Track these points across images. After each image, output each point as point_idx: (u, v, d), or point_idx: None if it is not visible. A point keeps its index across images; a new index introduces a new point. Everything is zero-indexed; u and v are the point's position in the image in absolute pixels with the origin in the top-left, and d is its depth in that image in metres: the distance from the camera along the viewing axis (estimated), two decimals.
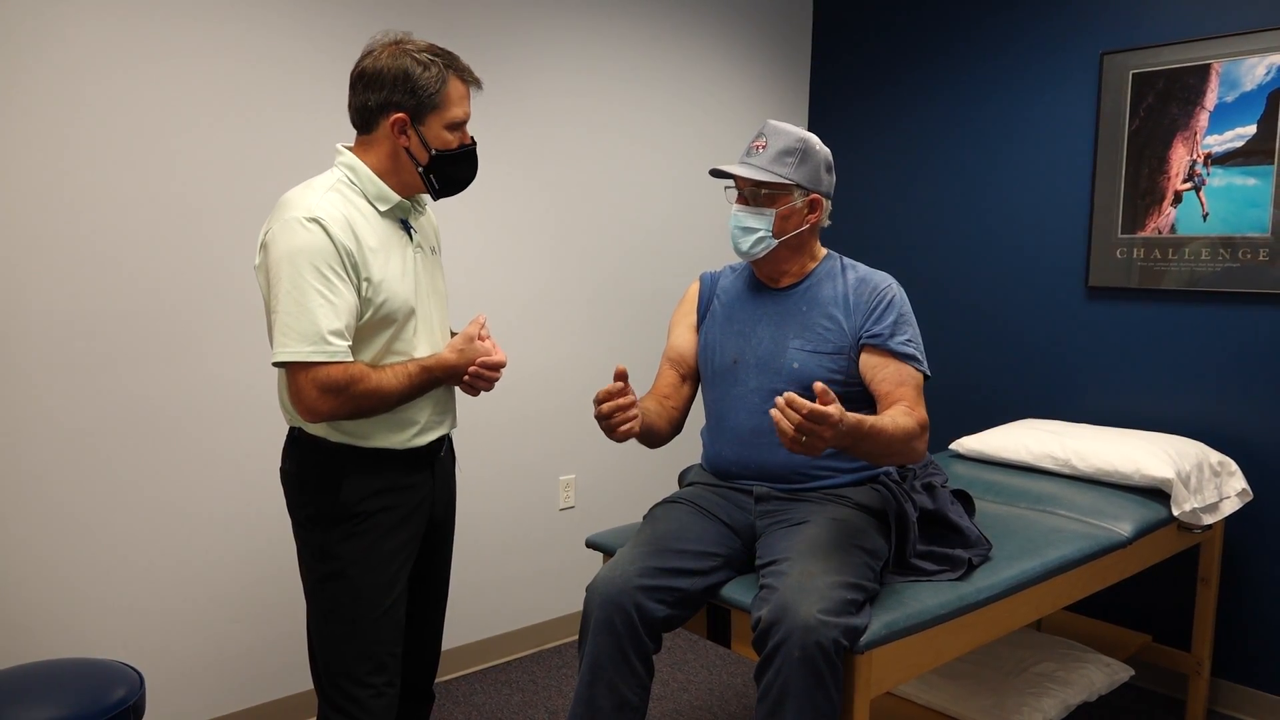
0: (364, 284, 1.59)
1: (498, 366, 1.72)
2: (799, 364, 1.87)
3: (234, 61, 2.38)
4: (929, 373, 1.90)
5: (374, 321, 1.62)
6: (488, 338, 1.75)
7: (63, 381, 2.19)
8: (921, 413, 1.79)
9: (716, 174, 1.92)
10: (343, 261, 1.55)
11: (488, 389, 1.74)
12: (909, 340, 1.87)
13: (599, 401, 1.66)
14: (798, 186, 1.87)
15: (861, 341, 1.86)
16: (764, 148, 1.88)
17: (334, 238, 1.54)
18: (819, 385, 1.47)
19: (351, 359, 1.56)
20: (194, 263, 2.34)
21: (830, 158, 1.93)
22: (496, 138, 2.90)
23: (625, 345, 3.35)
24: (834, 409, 1.45)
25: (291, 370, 1.54)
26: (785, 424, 1.45)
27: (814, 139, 1.90)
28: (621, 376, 1.65)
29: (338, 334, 1.53)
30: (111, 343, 2.24)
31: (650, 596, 1.68)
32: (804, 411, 1.43)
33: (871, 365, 1.86)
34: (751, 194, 1.89)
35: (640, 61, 3.27)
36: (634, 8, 3.22)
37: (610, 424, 1.66)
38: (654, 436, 1.91)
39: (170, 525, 2.37)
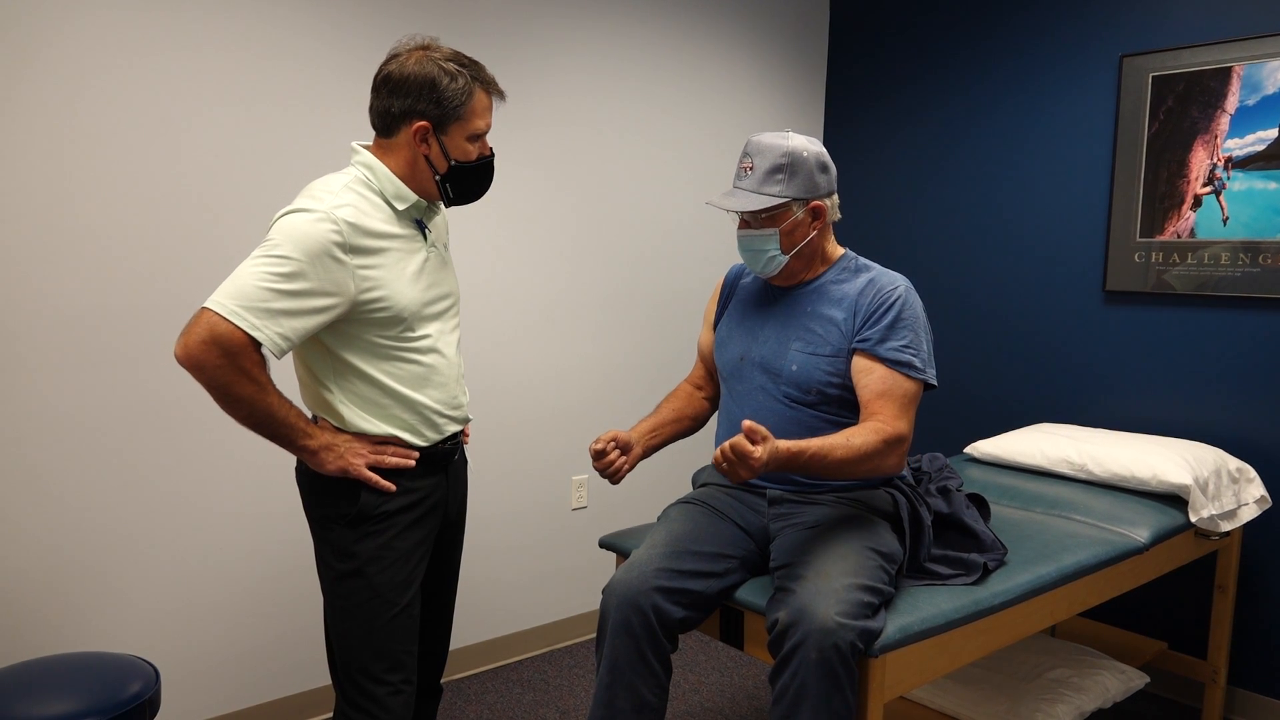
0: (361, 287, 1.57)
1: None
2: (798, 366, 1.84)
3: (243, 55, 2.39)
4: (932, 381, 1.82)
5: (378, 321, 1.62)
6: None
7: (75, 378, 2.20)
8: (897, 427, 1.72)
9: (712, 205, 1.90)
10: (327, 274, 1.53)
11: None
12: (905, 346, 1.78)
13: (594, 457, 1.85)
14: (794, 200, 1.82)
15: (852, 345, 1.82)
16: (751, 169, 1.83)
17: (333, 243, 1.53)
18: (746, 424, 1.51)
19: (258, 346, 1.52)
20: (205, 257, 2.35)
21: (822, 155, 1.85)
22: (513, 138, 2.91)
23: (639, 346, 3.35)
24: (757, 450, 1.50)
25: (202, 312, 1.50)
26: (716, 453, 1.55)
27: (798, 145, 1.81)
28: (600, 448, 1.84)
29: (260, 316, 1.50)
30: (124, 338, 2.26)
31: (667, 598, 1.68)
32: (726, 445, 1.52)
33: (858, 370, 1.80)
34: (752, 217, 1.85)
35: (657, 63, 3.27)
36: (651, 10, 3.22)
37: (607, 476, 1.86)
38: (683, 433, 2.06)
39: (186, 521, 2.39)
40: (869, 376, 1.78)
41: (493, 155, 1.74)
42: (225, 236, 2.38)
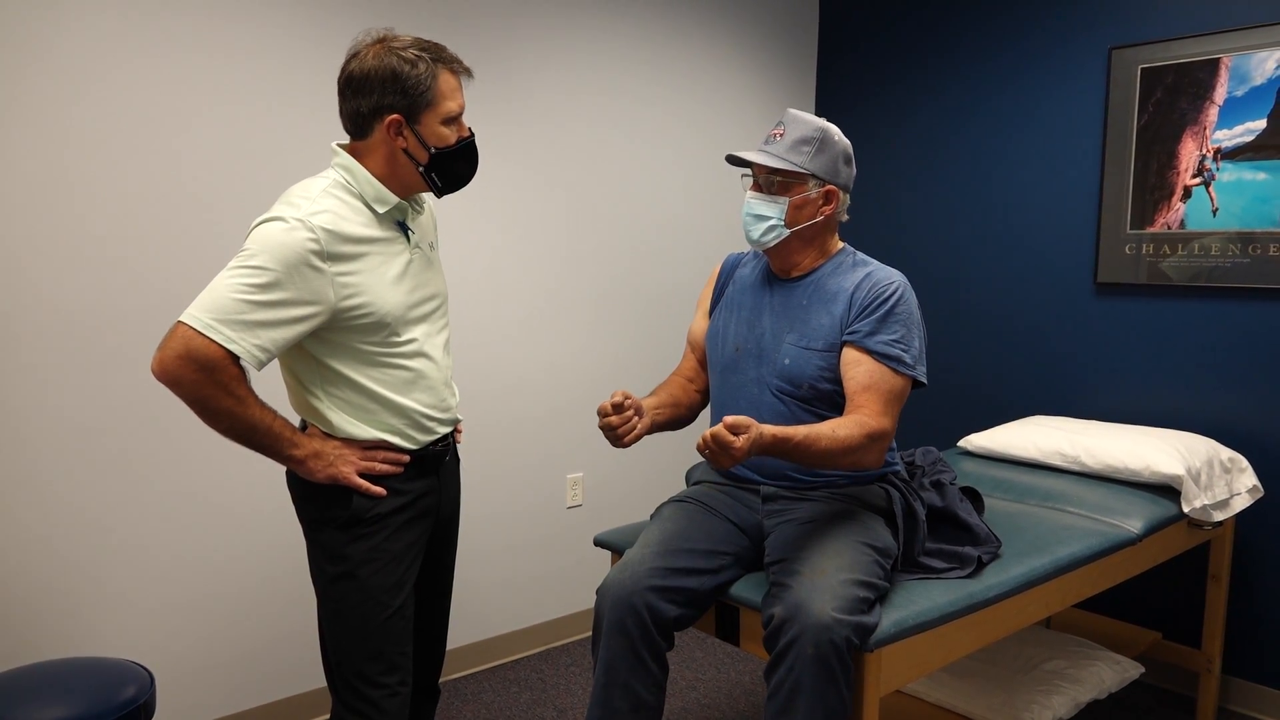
0: (341, 294, 1.55)
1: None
2: (790, 360, 1.84)
3: (242, 56, 2.38)
4: (921, 379, 1.81)
5: (361, 327, 1.60)
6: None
7: (73, 379, 2.19)
8: (880, 423, 1.70)
9: (732, 160, 1.89)
10: (304, 283, 1.51)
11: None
12: (895, 340, 1.77)
13: (604, 414, 1.71)
14: (813, 176, 1.83)
15: (843, 337, 1.81)
16: (782, 136, 1.84)
17: (310, 251, 1.51)
18: (729, 419, 1.49)
19: (236, 358, 1.49)
20: (204, 258, 2.34)
21: (850, 150, 1.89)
22: (503, 135, 2.90)
23: (633, 343, 3.34)
24: (738, 440, 1.48)
25: (177, 326, 1.48)
26: (699, 440, 1.52)
27: (833, 130, 1.86)
28: (620, 400, 1.72)
29: (236, 328, 1.48)
30: (122, 339, 2.25)
31: (661, 597, 1.68)
32: (708, 433, 1.50)
33: (847, 362, 1.79)
34: (766, 182, 1.86)
35: (647, 58, 3.26)
36: (641, 6, 3.21)
37: (616, 434, 1.72)
38: (678, 421, 1.98)
39: (181, 523, 2.38)
40: (857, 369, 1.77)
41: (472, 136, 1.70)
42: (224, 238, 2.37)
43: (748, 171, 1.91)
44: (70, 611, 2.23)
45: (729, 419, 1.50)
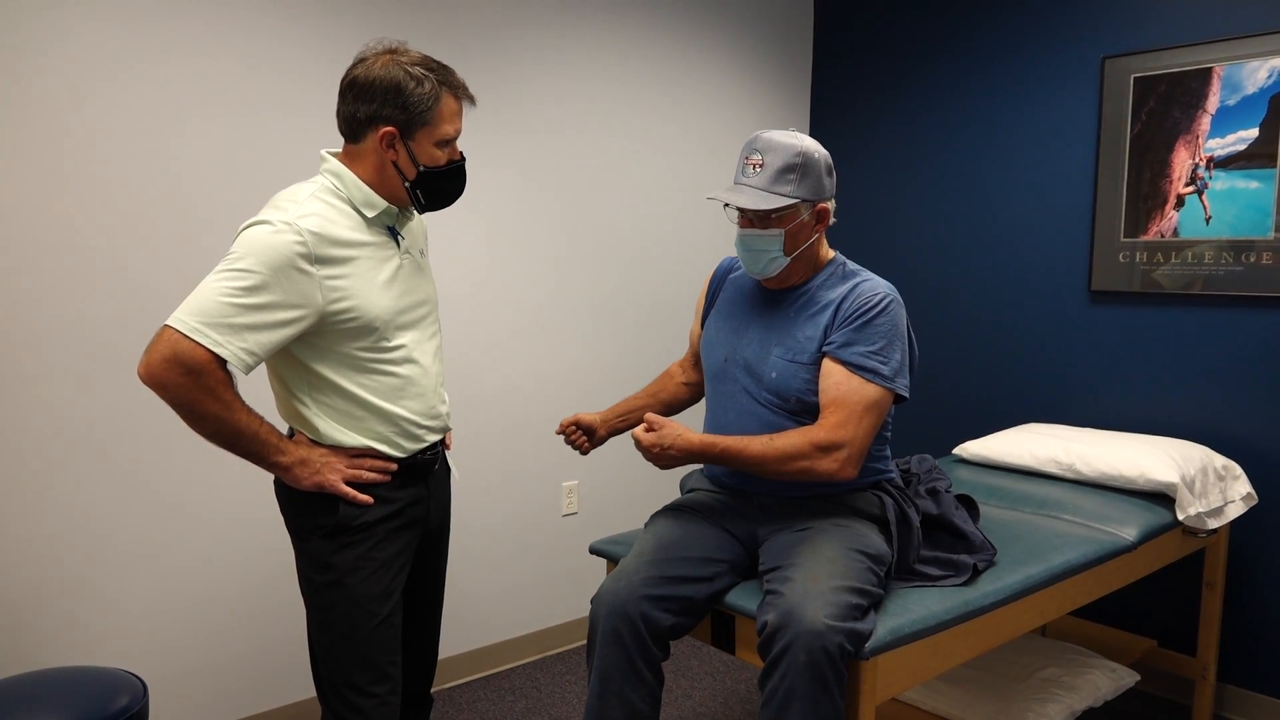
0: (329, 298, 1.54)
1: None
2: (778, 373, 1.82)
3: (237, 65, 2.38)
4: (901, 391, 1.77)
5: (349, 332, 1.59)
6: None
7: (65, 386, 2.19)
8: (834, 434, 1.69)
9: (714, 198, 1.86)
10: (291, 286, 1.50)
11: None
12: (873, 352, 1.74)
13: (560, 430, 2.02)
14: (804, 201, 1.79)
15: (822, 349, 1.80)
16: (761, 166, 1.78)
17: (297, 254, 1.50)
18: (647, 415, 1.72)
19: (223, 362, 1.49)
20: (199, 266, 2.32)
21: (829, 159, 1.85)
22: (499, 143, 2.90)
23: (628, 350, 3.34)
24: (649, 437, 1.69)
25: (164, 330, 1.47)
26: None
27: (810, 146, 1.80)
28: (562, 430, 2.03)
29: (222, 332, 1.47)
30: (115, 346, 2.24)
31: (656, 606, 1.67)
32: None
33: (823, 374, 1.78)
34: (757, 215, 1.81)
35: (643, 67, 3.27)
36: (636, 13, 3.22)
37: (574, 448, 2.04)
38: (673, 409, 2.15)
39: (174, 532, 2.37)
40: (827, 380, 1.76)
41: (463, 160, 1.71)
42: (221, 245, 2.34)
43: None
44: (63, 619, 2.22)
45: (647, 415, 1.71)
